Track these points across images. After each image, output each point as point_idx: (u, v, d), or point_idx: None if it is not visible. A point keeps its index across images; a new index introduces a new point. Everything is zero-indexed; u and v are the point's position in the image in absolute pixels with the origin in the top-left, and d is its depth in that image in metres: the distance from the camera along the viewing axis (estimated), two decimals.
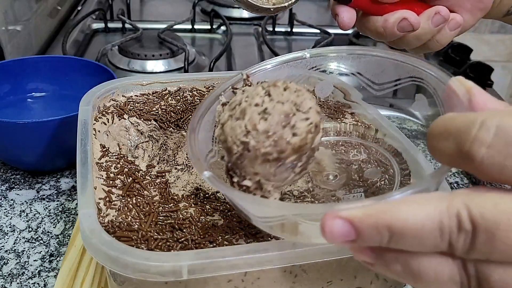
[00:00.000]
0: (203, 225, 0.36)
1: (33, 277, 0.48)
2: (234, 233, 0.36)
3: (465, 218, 0.22)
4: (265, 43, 0.91)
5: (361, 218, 0.24)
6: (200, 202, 0.42)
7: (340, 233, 0.24)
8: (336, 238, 0.24)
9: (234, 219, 0.38)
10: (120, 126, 0.49)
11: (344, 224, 0.24)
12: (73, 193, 0.58)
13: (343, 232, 0.24)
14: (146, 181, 0.42)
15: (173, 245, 0.34)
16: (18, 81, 0.67)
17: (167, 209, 0.38)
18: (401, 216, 0.23)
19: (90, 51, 0.95)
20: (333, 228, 0.24)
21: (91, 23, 1.04)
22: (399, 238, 0.23)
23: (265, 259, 0.33)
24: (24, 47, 0.84)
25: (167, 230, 0.36)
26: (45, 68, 0.68)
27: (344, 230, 0.24)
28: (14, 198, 0.58)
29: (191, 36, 1.04)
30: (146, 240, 0.34)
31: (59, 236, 0.53)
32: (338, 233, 0.24)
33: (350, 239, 0.24)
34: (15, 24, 0.81)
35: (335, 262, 0.35)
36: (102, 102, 0.50)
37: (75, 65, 0.68)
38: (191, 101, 0.52)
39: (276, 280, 0.35)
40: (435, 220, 0.23)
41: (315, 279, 0.36)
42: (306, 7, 1.22)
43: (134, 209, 0.38)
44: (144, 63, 0.86)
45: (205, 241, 0.34)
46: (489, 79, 0.88)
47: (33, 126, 0.54)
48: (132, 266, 0.32)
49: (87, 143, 0.42)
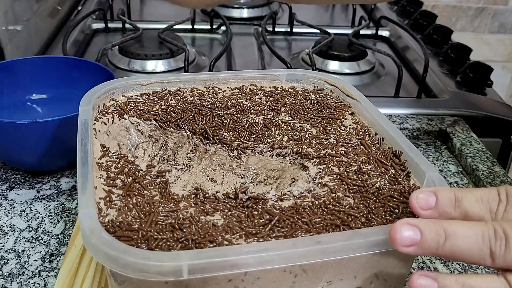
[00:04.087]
0: (203, 225, 0.36)
1: (33, 277, 0.48)
2: (234, 233, 0.36)
3: (499, 229, 0.31)
4: (265, 43, 0.91)
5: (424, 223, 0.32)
6: (200, 202, 0.42)
7: (408, 235, 0.31)
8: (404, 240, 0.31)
9: (234, 219, 0.38)
10: (120, 126, 0.49)
11: (411, 227, 0.32)
12: (73, 193, 0.59)
13: (410, 235, 0.31)
14: (146, 181, 0.42)
15: (173, 245, 0.34)
16: (18, 81, 0.67)
17: (167, 209, 0.38)
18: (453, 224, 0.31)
19: (90, 51, 0.95)
20: (403, 232, 0.31)
21: (91, 23, 1.04)
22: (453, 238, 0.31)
23: (265, 259, 0.33)
24: (24, 47, 0.84)
25: (167, 230, 0.36)
26: (45, 68, 0.68)
27: (411, 232, 0.31)
28: (14, 198, 0.58)
29: (191, 36, 1.04)
30: (146, 240, 0.34)
31: (59, 236, 0.53)
32: (406, 235, 0.31)
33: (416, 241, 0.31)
34: (15, 24, 0.81)
35: (335, 262, 0.35)
36: (102, 102, 0.50)
37: (75, 65, 0.68)
38: (191, 101, 0.52)
39: (276, 280, 0.35)
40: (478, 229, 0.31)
41: (315, 279, 0.36)
42: (306, 7, 1.22)
43: (134, 208, 0.38)
44: (144, 63, 0.86)
45: (205, 241, 0.34)
46: (489, 79, 0.88)
47: (33, 126, 0.54)
48: (132, 266, 0.32)
49: (87, 143, 0.42)
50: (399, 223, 0.32)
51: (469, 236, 0.31)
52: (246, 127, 0.49)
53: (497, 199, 0.33)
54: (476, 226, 0.31)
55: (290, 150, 0.47)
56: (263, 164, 0.47)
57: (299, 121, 0.50)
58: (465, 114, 0.78)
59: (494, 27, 1.66)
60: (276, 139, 0.48)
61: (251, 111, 0.51)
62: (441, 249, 0.31)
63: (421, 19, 1.13)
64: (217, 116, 0.50)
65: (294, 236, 0.36)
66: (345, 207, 0.39)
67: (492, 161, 0.67)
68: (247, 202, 0.41)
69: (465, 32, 1.65)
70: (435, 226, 0.32)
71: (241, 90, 0.55)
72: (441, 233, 0.31)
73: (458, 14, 1.63)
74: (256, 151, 0.47)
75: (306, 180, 0.43)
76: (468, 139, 0.71)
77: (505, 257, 0.31)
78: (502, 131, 0.79)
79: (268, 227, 0.36)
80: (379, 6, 1.18)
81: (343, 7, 1.25)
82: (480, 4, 1.62)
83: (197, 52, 0.94)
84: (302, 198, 0.40)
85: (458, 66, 0.93)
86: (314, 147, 0.46)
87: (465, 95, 0.84)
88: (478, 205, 0.33)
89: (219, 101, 0.52)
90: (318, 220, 0.37)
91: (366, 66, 0.91)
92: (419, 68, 0.91)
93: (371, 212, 0.38)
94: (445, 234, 0.31)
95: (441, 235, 0.31)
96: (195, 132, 0.49)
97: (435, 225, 0.32)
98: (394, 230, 0.32)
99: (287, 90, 0.55)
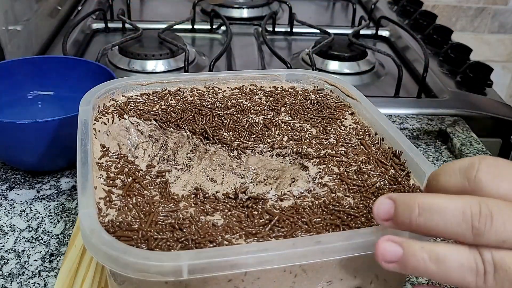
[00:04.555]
0: (203, 225, 0.36)
1: (33, 277, 0.48)
2: (234, 233, 0.36)
3: (484, 206, 0.29)
4: (265, 43, 0.91)
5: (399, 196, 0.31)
6: (200, 202, 0.42)
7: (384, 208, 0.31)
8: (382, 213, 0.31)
9: (234, 219, 0.38)
10: (120, 126, 0.49)
11: (388, 201, 0.31)
12: (73, 193, 0.59)
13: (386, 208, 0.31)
14: (146, 181, 0.42)
15: (173, 245, 0.34)
16: (18, 81, 0.67)
17: (167, 209, 0.38)
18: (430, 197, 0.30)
19: (90, 51, 0.95)
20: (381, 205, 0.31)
21: (91, 23, 1.04)
22: (427, 212, 0.29)
23: (265, 259, 0.33)
24: (24, 47, 0.84)
25: (167, 230, 0.36)
26: (45, 68, 0.68)
27: (388, 205, 0.31)
28: (14, 198, 0.58)
29: (191, 36, 1.04)
30: (146, 240, 0.34)
31: (59, 236, 0.53)
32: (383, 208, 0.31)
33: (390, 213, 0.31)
34: (15, 24, 0.81)
35: (335, 262, 0.35)
36: (102, 102, 0.50)
37: (75, 65, 0.68)
38: (191, 101, 0.52)
39: (276, 279, 0.35)
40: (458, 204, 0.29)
41: (315, 279, 0.36)
42: (306, 7, 1.22)
43: (134, 208, 0.38)
44: (144, 63, 0.86)
45: (205, 241, 0.34)
46: (489, 79, 0.88)
47: (33, 126, 0.54)
48: (132, 266, 0.32)
49: (87, 143, 0.42)
50: (379, 199, 0.32)
51: (446, 211, 0.29)
52: (246, 127, 0.49)
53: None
54: (457, 201, 0.29)
55: (290, 150, 0.47)
56: (263, 164, 0.47)
57: (299, 121, 0.50)
58: (465, 114, 0.78)
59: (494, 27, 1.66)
60: (276, 139, 0.48)
61: (251, 111, 0.51)
62: (415, 224, 0.30)
63: (421, 19, 1.13)
64: (217, 116, 0.50)
65: (294, 236, 0.36)
66: (345, 207, 0.39)
67: None
68: (247, 202, 0.41)
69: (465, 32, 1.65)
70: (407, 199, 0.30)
71: (241, 90, 0.55)
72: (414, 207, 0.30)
73: (458, 14, 1.63)
74: (256, 151, 0.47)
75: (306, 180, 0.43)
76: (468, 139, 0.71)
77: (489, 235, 0.29)
78: (502, 131, 0.79)
79: (268, 227, 0.36)
80: (379, 6, 1.18)
81: (343, 7, 1.25)
82: (480, 4, 1.62)
83: (197, 52, 0.94)
84: (302, 198, 0.40)
85: (458, 66, 0.93)
86: (314, 147, 0.46)
87: (465, 95, 0.84)
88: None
89: (219, 101, 0.52)
90: (318, 220, 0.37)
91: (366, 66, 0.91)
92: (419, 68, 0.91)
93: (371, 212, 0.38)
94: (418, 208, 0.30)
95: (413, 210, 0.30)
96: (195, 132, 0.49)
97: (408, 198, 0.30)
98: (374, 205, 0.32)
99: (287, 90, 0.55)
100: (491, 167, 0.30)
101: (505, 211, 0.28)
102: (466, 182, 0.31)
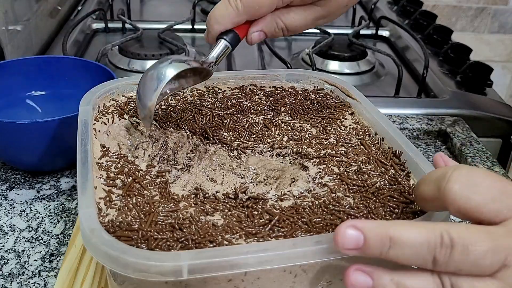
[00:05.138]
0: (203, 225, 0.36)
1: (33, 277, 0.48)
2: (234, 233, 0.36)
3: (446, 237, 0.30)
4: (265, 43, 0.91)
5: (370, 228, 0.30)
6: (200, 202, 0.42)
7: (351, 239, 0.30)
8: (347, 243, 0.31)
9: (234, 219, 0.38)
10: (120, 126, 0.49)
11: (356, 231, 0.30)
12: (73, 193, 0.59)
13: (354, 239, 0.30)
14: (146, 181, 0.42)
15: (173, 244, 0.34)
16: (18, 81, 0.67)
17: (167, 209, 0.38)
18: (402, 231, 0.30)
19: (90, 51, 0.95)
20: (346, 234, 0.30)
21: (91, 23, 1.04)
22: (397, 246, 0.30)
23: (265, 259, 0.33)
24: (24, 47, 0.84)
25: (167, 230, 0.36)
26: (45, 68, 0.68)
27: (355, 236, 0.30)
28: (14, 198, 0.58)
29: (191, 36, 1.04)
30: (146, 240, 0.34)
31: (59, 236, 0.53)
32: (349, 238, 0.30)
33: (358, 245, 0.30)
34: (15, 24, 0.81)
35: (335, 262, 0.35)
36: (102, 102, 0.50)
37: (75, 65, 0.68)
38: (191, 101, 0.52)
39: (276, 279, 0.35)
40: (425, 237, 0.30)
41: (315, 279, 0.36)
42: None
43: (134, 208, 0.38)
44: (144, 63, 0.86)
45: (205, 241, 0.34)
46: (489, 79, 0.88)
47: (33, 126, 0.54)
48: (132, 266, 0.32)
49: (87, 143, 0.42)
50: (344, 225, 0.31)
51: (415, 244, 0.30)
52: (246, 127, 0.49)
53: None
54: (423, 233, 0.30)
55: (290, 150, 0.47)
56: (263, 164, 0.47)
57: (299, 121, 0.50)
58: (465, 114, 0.78)
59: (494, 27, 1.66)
60: (276, 139, 0.48)
61: (251, 111, 0.51)
62: (385, 256, 0.31)
63: (421, 19, 1.13)
64: (217, 116, 0.50)
65: (294, 235, 0.36)
66: (345, 207, 0.39)
67: (492, 161, 0.67)
68: (247, 202, 0.41)
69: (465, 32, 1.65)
70: (381, 232, 0.30)
71: (241, 90, 0.55)
72: (386, 242, 0.30)
73: (458, 14, 1.63)
74: (256, 151, 0.47)
75: (306, 180, 0.43)
76: (468, 139, 0.71)
77: (447, 264, 0.30)
78: (502, 131, 0.79)
79: (268, 227, 0.36)
80: (379, 6, 1.18)
81: None
82: (480, 4, 1.62)
83: (197, 52, 0.94)
84: (302, 198, 0.40)
85: (458, 66, 0.93)
86: (314, 147, 0.46)
87: (465, 95, 0.84)
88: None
89: (219, 101, 0.52)
90: (318, 220, 0.37)
91: (366, 66, 0.91)
92: (419, 68, 0.91)
93: (371, 212, 0.38)
94: (390, 243, 0.30)
95: (385, 243, 0.30)
96: (195, 132, 0.49)
97: (380, 232, 0.30)
98: (337, 232, 0.31)
99: (287, 90, 0.55)
100: (463, 178, 0.31)
101: (465, 239, 0.30)
102: (437, 193, 0.32)
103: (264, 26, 0.46)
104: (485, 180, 0.31)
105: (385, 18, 1.07)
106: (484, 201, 0.31)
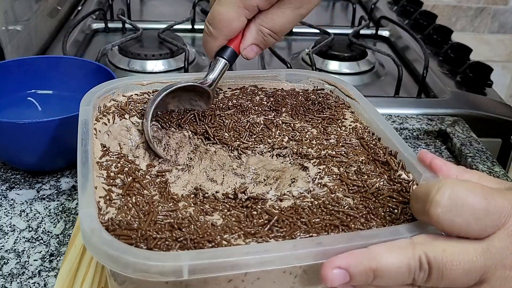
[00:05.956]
0: (202, 225, 0.36)
1: (33, 277, 0.48)
2: (232, 233, 0.36)
3: (424, 261, 0.32)
4: None
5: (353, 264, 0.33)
6: (200, 201, 0.42)
7: (339, 278, 0.33)
8: (335, 282, 0.33)
9: (233, 219, 0.38)
10: (121, 126, 0.49)
11: (341, 271, 0.33)
12: (73, 193, 0.59)
13: (341, 277, 0.33)
14: (146, 181, 0.42)
15: (172, 244, 0.34)
16: (18, 81, 0.67)
17: (167, 209, 0.38)
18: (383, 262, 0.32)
19: (90, 51, 0.95)
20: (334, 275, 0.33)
21: (91, 23, 1.04)
22: (380, 276, 0.33)
23: (266, 260, 0.33)
24: (24, 47, 0.84)
25: (166, 230, 0.36)
26: (45, 68, 0.68)
27: (342, 275, 0.33)
28: (14, 198, 0.58)
29: (191, 36, 1.04)
30: (145, 239, 0.34)
31: (59, 235, 0.53)
32: (337, 278, 0.33)
33: (345, 280, 0.33)
34: (15, 24, 0.81)
35: None
36: (103, 102, 0.50)
37: (75, 65, 0.68)
38: None
39: (276, 280, 0.35)
40: (405, 263, 0.32)
41: (315, 279, 0.36)
42: None
43: (134, 208, 0.38)
44: (144, 63, 0.86)
45: (204, 241, 0.34)
46: (489, 79, 0.88)
47: (33, 126, 0.54)
48: (132, 266, 0.32)
49: (87, 143, 0.42)
50: (328, 266, 0.33)
51: (396, 272, 0.32)
52: (246, 127, 0.49)
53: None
54: (403, 260, 0.32)
55: (290, 150, 0.47)
56: (263, 164, 0.47)
57: (300, 121, 0.50)
58: (465, 114, 0.78)
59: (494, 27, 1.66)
60: (276, 140, 0.48)
61: (252, 111, 0.51)
62: (370, 284, 0.33)
63: (421, 19, 1.13)
64: (218, 117, 0.50)
65: (292, 236, 0.36)
66: (344, 207, 0.39)
67: (492, 161, 0.67)
68: (246, 202, 0.41)
69: (465, 32, 1.65)
70: (364, 267, 0.32)
71: (242, 91, 0.55)
72: (370, 274, 0.33)
73: (458, 14, 1.63)
74: (256, 152, 0.47)
75: (306, 180, 0.43)
76: (468, 139, 0.71)
77: (426, 284, 0.33)
78: (502, 131, 0.79)
79: (267, 227, 0.36)
80: (379, 6, 1.18)
81: (343, 7, 1.25)
82: (480, 4, 1.62)
83: (197, 52, 0.94)
84: (301, 198, 0.40)
85: (458, 66, 0.93)
86: (314, 147, 0.46)
87: (465, 95, 0.84)
88: None
89: (219, 101, 0.52)
90: (317, 220, 0.37)
91: (366, 66, 0.91)
92: (419, 68, 0.91)
93: (371, 212, 0.38)
94: (374, 275, 0.33)
95: (369, 276, 0.33)
96: (196, 132, 0.49)
97: (364, 266, 0.32)
98: (324, 274, 0.33)
99: (288, 91, 0.55)
100: (446, 201, 0.32)
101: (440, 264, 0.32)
102: (423, 213, 0.34)
103: (251, 39, 0.47)
104: (468, 200, 0.32)
105: (385, 18, 1.07)
106: (467, 223, 0.32)
